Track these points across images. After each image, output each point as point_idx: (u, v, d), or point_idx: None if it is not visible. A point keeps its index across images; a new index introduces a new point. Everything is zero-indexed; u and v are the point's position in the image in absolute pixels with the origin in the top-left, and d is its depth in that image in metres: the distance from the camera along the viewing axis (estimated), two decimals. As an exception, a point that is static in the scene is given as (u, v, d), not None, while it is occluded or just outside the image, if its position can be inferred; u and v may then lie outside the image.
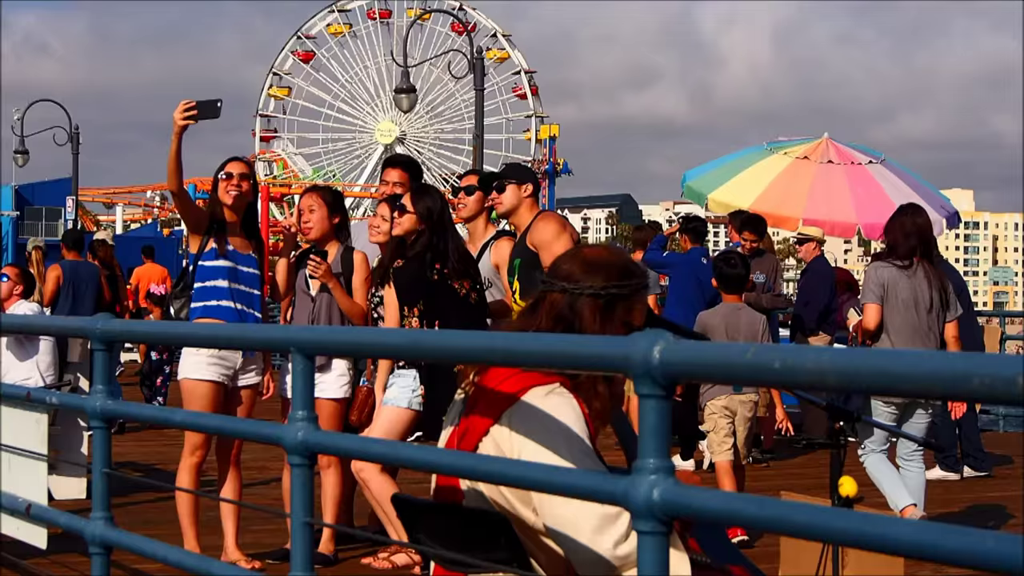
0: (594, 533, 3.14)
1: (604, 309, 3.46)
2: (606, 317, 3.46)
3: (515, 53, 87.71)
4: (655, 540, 2.62)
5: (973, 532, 2.11)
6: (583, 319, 3.45)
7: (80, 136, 38.06)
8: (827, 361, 2.43)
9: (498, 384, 3.40)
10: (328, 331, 6.38)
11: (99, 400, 4.83)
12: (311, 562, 3.72)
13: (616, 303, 3.48)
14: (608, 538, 3.13)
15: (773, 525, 2.66)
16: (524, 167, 7.89)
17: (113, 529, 4.79)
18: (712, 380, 10.95)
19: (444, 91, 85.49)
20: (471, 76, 25.89)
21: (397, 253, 7.07)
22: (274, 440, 3.99)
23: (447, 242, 6.86)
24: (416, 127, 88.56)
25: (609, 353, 2.84)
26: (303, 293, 7.44)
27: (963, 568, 2.15)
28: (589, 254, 3.60)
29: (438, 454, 3.48)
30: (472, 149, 25.54)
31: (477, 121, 25.82)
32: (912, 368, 2.36)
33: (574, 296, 3.47)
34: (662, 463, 2.63)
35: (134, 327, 6.94)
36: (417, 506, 3.60)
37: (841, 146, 15.15)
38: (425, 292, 6.92)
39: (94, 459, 4.88)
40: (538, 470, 3.09)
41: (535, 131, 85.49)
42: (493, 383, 3.42)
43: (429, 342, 3.85)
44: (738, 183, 14.68)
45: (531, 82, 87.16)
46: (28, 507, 5.40)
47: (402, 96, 27.12)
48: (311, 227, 7.45)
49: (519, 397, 3.34)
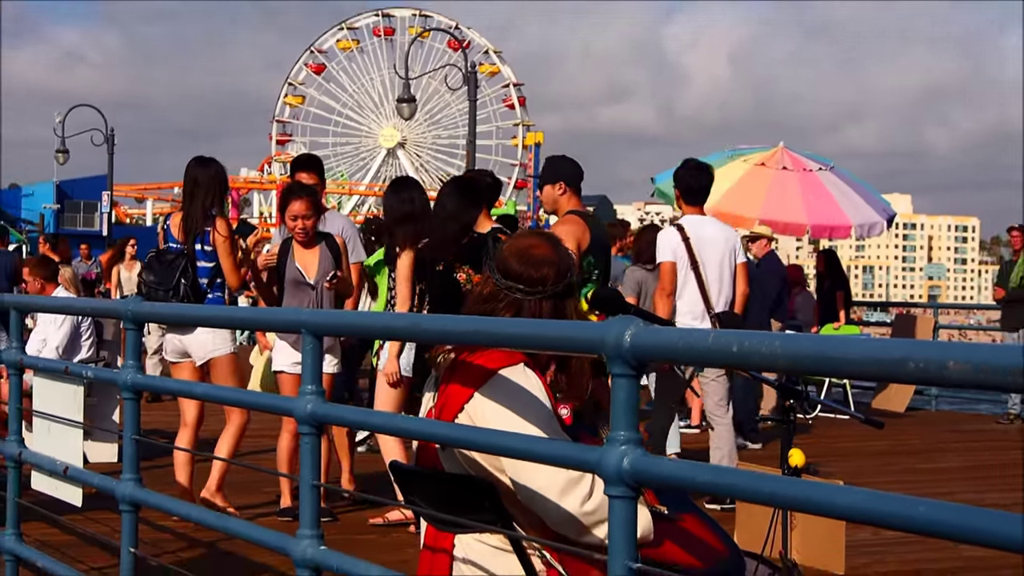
0: (561, 495, 3.16)
1: (554, 305, 3.52)
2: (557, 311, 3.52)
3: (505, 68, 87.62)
4: (625, 503, 2.62)
5: (906, 499, 2.12)
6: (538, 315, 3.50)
7: (115, 138, 38.02)
8: (778, 346, 2.44)
9: (470, 362, 3.42)
10: (334, 314, 6.38)
11: (129, 374, 4.82)
12: (318, 519, 3.72)
13: (565, 296, 3.54)
14: (574, 498, 3.15)
15: (730, 491, 2.68)
16: (554, 163, 7.47)
17: (141, 489, 4.78)
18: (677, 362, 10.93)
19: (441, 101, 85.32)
20: (465, 88, 25.91)
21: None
22: (285, 411, 3.98)
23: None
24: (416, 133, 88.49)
25: (587, 337, 2.85)
26: (299, 283, 7.41)
27: (897, 530, 2.16)
28: (537, 254, 3.57)
29: (432, 425, 3.48)
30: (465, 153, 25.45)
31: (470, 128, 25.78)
32: (854, 353, 2.37)
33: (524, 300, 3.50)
34: (632, 435, 2.63)
35: (161, 309, 6.88)
36: (411, 472, 3.60)
37: (794, 154, 15.15)
38: (429, 278, 7.00)
39: (125, 427, 4.87)
40: (526, 441, 3.09)
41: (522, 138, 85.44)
42: (466, 360, 3.44)
43: (427, 325, 3.85)
44: (702, 186, 14.65)
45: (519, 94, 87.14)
46: (66, 469, 5.39)
47: (403, 105, 27.13)
48: (307, 234, 7.42)
49: (491, 375, 3.36)
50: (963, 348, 2.09)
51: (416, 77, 33.60)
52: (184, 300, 7.29)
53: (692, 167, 8.14)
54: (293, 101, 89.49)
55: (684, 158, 8.46)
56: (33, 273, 10.43)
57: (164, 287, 7.30)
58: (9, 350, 6.15)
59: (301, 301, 7.35)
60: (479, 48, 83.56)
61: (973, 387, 2.12)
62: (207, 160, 7.64)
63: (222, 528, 4.72)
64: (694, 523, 3.38)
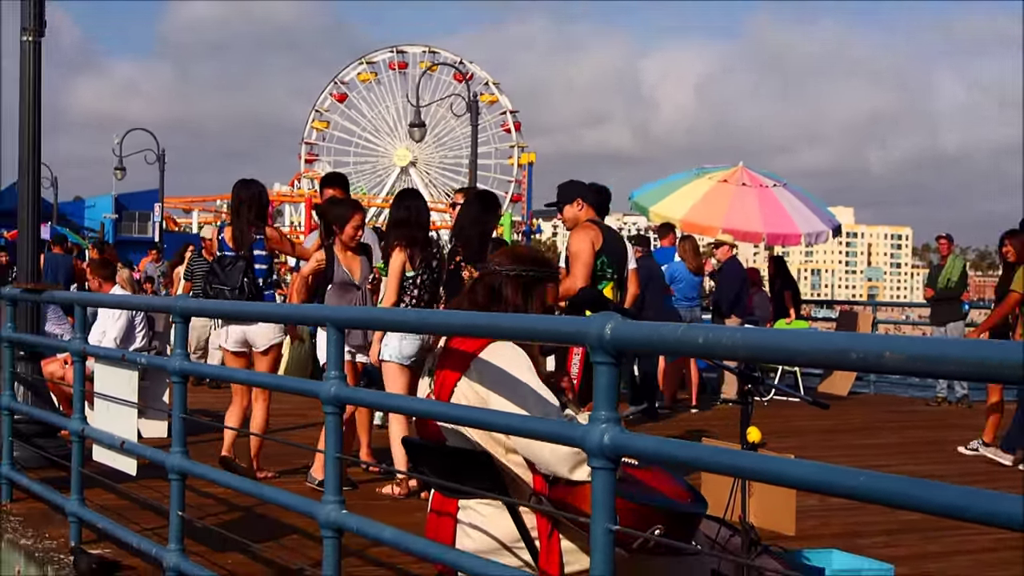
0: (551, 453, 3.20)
1: (523, 288, 3.60)
2: (525, 294, 3.60)
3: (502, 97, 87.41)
4: (605, 474, 2.63)
5: (848, 471, 2.12)
6: (507, 293, 3.59)
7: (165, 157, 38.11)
8: (739, 338, 2.44)
9: (460, 344, 3.46)
10: (353, 309, 6.38)
11: (177, 360, 4.82)
12: (340, 486, 3.72)
13: (531, 284, 3.61)
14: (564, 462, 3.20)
15: (696, 463, 2.67)
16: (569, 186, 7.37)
17: (188, 460, 4.79)
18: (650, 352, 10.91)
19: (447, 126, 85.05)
20: (468, 114, 25.91)
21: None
22: (312, 393, 3.97)
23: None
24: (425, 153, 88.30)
25: (574, 330, 2.85)
26: (347, 284, 7.47)
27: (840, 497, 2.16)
28: (515, 250, 3.80)
29: (434, 406, 3.48)
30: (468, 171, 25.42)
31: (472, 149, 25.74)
32: (803, 345, 2.37)
33: (501, 277, 3.61)
34: (611, 415, 2.63)
35: (205, 304, 6.92)
36: (420, 446, 3.60)
37: (752, 172, 15.18)
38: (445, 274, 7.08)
39: (173, 406, 4.87)
40: (524, 421, 3.11)
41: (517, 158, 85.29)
42: (457, 344, 3.49)
43: (434, 319, 3.86)
44: (673, 199, 14.71)
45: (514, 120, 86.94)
46: (122, 443, 5.39)
47: (415, 129, 27.14)
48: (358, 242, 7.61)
49: (479, 352, 3.39)
50: (897, 340, 2.10)
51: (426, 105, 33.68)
52: (249, 297, 7.54)
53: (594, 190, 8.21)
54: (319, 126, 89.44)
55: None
56: (94, 274, 10.44)
57: (231, 287, 7.55)
58: (74, 340, 6.15)
59: (348, 300, 7.40)
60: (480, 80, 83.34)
61: (906, 374, 2.12)
62: (249, 182, 7.93)
63: (257, 494, 4.73)
64: (659, 474, 3.40)
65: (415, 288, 7.17)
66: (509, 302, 3.56)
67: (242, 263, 7.59)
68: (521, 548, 3.31)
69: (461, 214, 7.35)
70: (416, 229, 7.24)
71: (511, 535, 3.32)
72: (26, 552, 5.76)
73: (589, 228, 6.95)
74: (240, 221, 7.75)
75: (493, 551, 3.31)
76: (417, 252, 7.18)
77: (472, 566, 3.17)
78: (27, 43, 7.63)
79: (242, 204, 7.78)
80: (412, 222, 7.26)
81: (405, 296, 7.17)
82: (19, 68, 7.65)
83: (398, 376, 7.11)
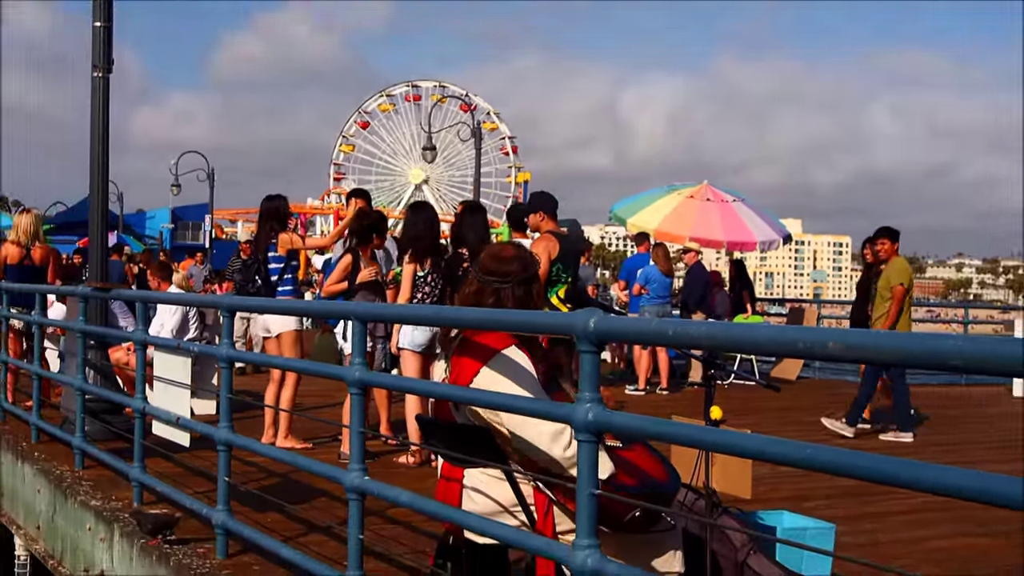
0: (551, 443, 3.16)
1: (524, 290, 3.50)
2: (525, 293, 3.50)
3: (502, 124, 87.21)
4: (590, 446, 2.63)
5: (797, 443, 2.12)
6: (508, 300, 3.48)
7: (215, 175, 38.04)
8: (703, 330, 2.44)
9: (477, 341, 3.40)
10: (374, 306, 6.37)
11: (225, 349, 4.82)
12: (363, 457, 3.72)
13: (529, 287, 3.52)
14: (559, 446, 3.15)
15: (667, 437, 2.68)
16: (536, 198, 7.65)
17: (233, 434, 4.78)
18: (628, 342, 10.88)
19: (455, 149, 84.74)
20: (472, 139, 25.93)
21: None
22: (338, 377, 3.97)
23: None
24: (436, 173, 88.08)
25: (564, 323, 2.85)
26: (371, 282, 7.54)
27: (789, 466, 2.16)
28: (505, 255, 3.57)
29: (450, 389, 3.47)
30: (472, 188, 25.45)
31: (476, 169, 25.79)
32: (758, 336, 2.37)
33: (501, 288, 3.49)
34: (594, 395, 2.63)
35: (248, 301, 6.95)
36: (431, 423, 3.60)
37: (715, 189, 15.21)
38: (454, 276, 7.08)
39: (221, 388, 4.87)
40: (520, 401, 3.11)
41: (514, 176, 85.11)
42: (474, 339, 3.42)
43: (447, 314, 3.85)
44: (647, 212, 14.75)
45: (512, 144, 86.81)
46: (177, 419, 5.38)
47: (427, 151, 27.19)
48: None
49: (495, 353, 3.34)
50: (838, 333, 2.10)
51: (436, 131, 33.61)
52: (259, 293, 7.78)
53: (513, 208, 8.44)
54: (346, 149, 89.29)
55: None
56: (154, 275, 10.48)
57: (245, 283, 7.83)
58: (136, 331, 6.14)
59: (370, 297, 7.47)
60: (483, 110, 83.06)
61: (846, 361, 2.12)
62: (271, 196, 8.14)
63: (292, 463, 4.72)
64: (641, 453, 3.39)
65: (426, 285, 7.19)
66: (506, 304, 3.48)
67: (255, 264, 7.85)
68: (518, 511, 3.30)
69: (463, 225, 7.34)
70: (424, 241, 7.26)
71: (509, 500, 3.31)
72: (96, 512, 5.76)
73: (548, 239, 7.20)
74: (260, 230, 8.07)
75: (494, 513, 3.31)
76: (426, 259, 7.21)
77: (475, 524, 3.17)
78: (97, 79, 7.62)
79: (262, 216, 8.09)
80: (421, 236, 7.28)
81: (418, 292, 7.19)
82: (91, 100, 7.65)
83: (412, 361, 7.11)
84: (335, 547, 4.63)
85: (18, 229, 9.74)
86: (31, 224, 9.74)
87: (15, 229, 9.82)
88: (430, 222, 7.43)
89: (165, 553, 4.82)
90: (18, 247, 9.64)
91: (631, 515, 3.12)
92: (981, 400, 13.57)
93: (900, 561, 4.94)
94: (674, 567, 3.31)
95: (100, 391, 7.17)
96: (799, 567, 3.91)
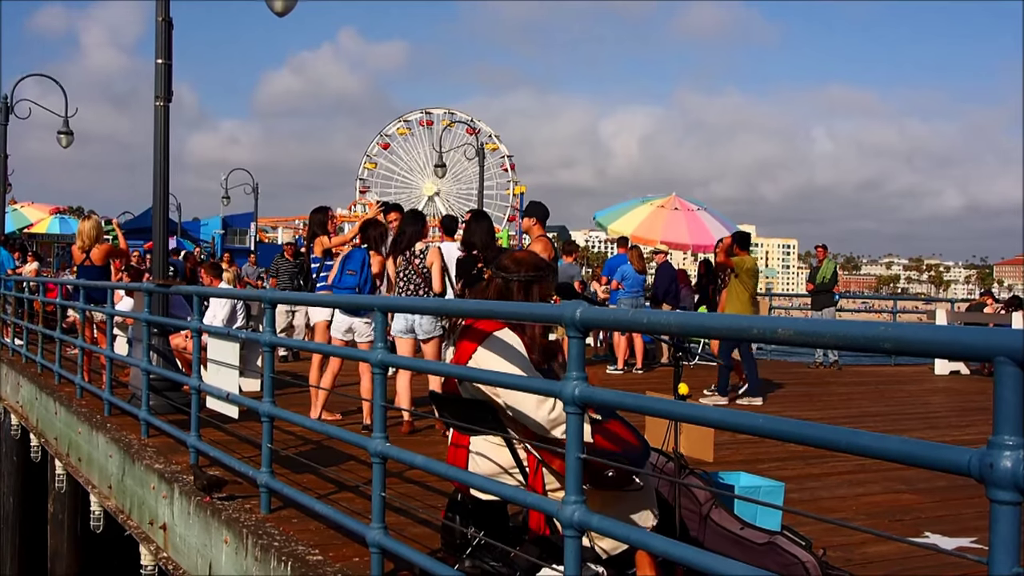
0: (536, 409, 3.17)
1: (525, 288, 3.50)
2: (527, 293, 3.49)
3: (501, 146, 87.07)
4: (576, 418, 2.62)
5: (752, 415, 2.12)
6: (513, 294, 3.49)
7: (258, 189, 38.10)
8: (672, 319, 2.44)
9: (474, 326, 3.42)
10: (394, 298, 6.36)
11: (267, 336, 4.81)
12: (385, 426, 3.71)
13: (531, 285, 3.51)
14: (543, 410, 3.17)
15: (643, 410, 2.67)
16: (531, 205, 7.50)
17: (275, 407, 4.77)
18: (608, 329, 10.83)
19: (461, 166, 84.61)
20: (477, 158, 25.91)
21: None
22: (362, 359, 3.96)
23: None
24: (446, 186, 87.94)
25: (554, 313, 2.84)
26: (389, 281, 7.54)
27: (746, 433, 2.16)
28: (518, 256, 3.60)
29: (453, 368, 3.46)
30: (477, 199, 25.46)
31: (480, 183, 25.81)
32: (718, 323, 2.37)
33: (508, 281, 3.50)
34: (580, 375, 2.63)
35: (286, 295, 6.93)
36: (443, 397, 3.59)
37: (682, 199, 15.25)
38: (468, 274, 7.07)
39: (264, 369, 4.86)
40: (517, 379, 3.10)
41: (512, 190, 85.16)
42: (471, 325, 3.44)
43: (452, 305, 3.85)
44: (625, 219, 14.80)
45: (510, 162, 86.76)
46: (228, 395, 5.37)
47: (438, 168, 27.11)
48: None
49: (488, 335, 3.36)
50: (787, 321, 2.09)
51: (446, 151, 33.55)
52: (298, 289, 7.64)
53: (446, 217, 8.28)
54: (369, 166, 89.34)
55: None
56: (207, 273, 10.46)
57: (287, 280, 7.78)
58: (192, 321, 6.13)
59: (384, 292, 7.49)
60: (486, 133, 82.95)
61: (794, 345, 2.12)
62: (318, 208, 8.21)
63: (324, 432, 4.72)
64: (617, 425, 3.39)
65: (400, 281, 7.21)
66: (512, 299, 3.50)
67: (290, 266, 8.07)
68: (516, 472, 3.31)
69: (473, 232, 7.30)
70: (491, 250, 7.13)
71: (509, 463, 3.31)
72: (159, 473, 5.75)
73: (543, 242, 7.16)
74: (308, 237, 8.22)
75: (495, 474, 3.31)
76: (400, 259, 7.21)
77: (480, 483, 3.17)
78: (159, 107, 7.60)
79: (308, 224, 8.27)
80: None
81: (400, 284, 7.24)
82: (154, 126, 7.64)
83: (400, 345, 7.13)
84: (362, 503, 4.63)
85: (82, 234, 9.71)
86: (91, 228, 9.70)
87: (79, 234, 9.79)
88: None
89: (217, 508, 4.82)
90: (80, 251, 9.63)
91: (607, 474, 3.14)
92: (908, 378, 13.59)
93: (838, 514, 4.95)
94: (649, 520, 3.32)
95: (162, 371, 7.16)
96: (754, 519, 3.90)
